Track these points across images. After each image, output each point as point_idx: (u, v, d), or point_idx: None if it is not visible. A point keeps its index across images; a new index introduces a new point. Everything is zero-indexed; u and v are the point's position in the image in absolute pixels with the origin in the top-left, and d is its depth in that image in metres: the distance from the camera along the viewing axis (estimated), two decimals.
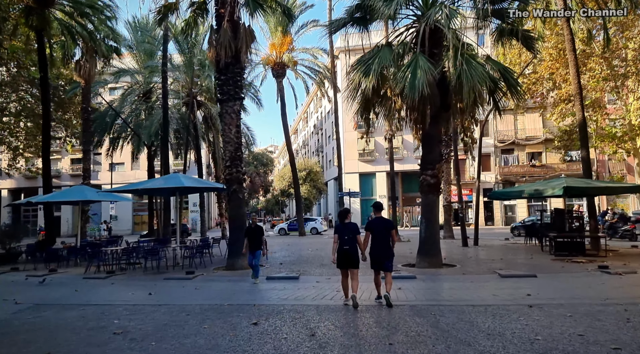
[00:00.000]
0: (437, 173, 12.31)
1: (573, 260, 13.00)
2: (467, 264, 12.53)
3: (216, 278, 11.35)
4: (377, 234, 6.96)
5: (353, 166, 44.54)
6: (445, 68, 12.27)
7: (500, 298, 7.44)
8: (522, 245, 18.93)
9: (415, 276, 10.41)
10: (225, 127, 13.36)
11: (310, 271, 11.90)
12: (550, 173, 39.64)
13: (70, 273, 13.22)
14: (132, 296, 8.63)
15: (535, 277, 10.00)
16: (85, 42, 23.76)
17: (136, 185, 14.33)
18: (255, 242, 10.21)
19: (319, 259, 14.59)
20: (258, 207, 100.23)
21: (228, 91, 13.29)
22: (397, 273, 10.98)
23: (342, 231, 6.92)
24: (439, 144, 12.53)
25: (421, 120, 11.90)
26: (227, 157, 13.36)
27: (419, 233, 12.55)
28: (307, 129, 70.61)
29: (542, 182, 16.77)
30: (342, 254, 6.89)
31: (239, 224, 13.25)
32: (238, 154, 13.33)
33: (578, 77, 16.36)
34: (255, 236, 10.24)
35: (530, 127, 41.41)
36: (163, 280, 11.15)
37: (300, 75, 32.46)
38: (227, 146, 13.37)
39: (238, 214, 13.30)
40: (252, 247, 10.22)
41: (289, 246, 20.58)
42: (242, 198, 13.32)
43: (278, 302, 7.54)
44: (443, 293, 8.16)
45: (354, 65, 12.31)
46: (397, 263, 12.99)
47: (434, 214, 12.45)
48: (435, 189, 12.36)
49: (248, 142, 29.55)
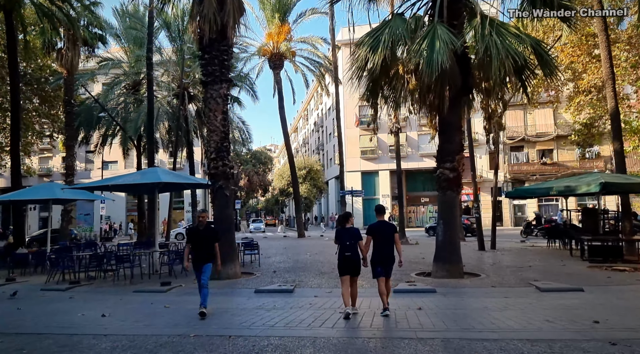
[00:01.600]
0: (457, 166, 10.47)
1: (614, 268, 11.16)
2: (492, 273, 10.68)
3: (195, 290, 9.48)
4: (380, 239, 6.55)
5: (355, 164, 42.68)
6: (466, 43, 10.44)
7: (560, 326, 5.59)
8: (544, 248, 17.08)
9: (434, 289, 8.56)
10: (210, 114, 11.54)
11: (307, 282, 10.07)
12: (562, 171, 37.77)
13: (31, 283, 11.40)
14: (79, 319, 6.79)
15: (582, 291, 8.17)
16: (67, 29, 22.02)
17: (108, 181, 12.52)
18: (202, 251, 6.98)
19: (317, 266, 12.75)
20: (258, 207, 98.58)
21: (213, 72, 11.45)
22: (412, 284, 9.16)
23: (343, 237, 6.52)
24: (458, 132, 10.69)
25: (439, 104, 10.04)
26: (211, 149, 11.53)
27: (436, 236, 10.70)
28: (308, 127, 68.82)
29: (573, 179, 14.92)
30: (344, 260, 6.48)
31: (226, 226, 11.43)
32: (224, 145, 11.51)
33: (610, 61, 14.53)
34: (203, 243, 7.02)
35: (540, 123, 39.51)
36: (132, 293, 9.33)
37: (299, 68, 30.67)
38: (211, 135, 11.54)
39: (225, 214, 11.47)
40: (197, 260, 7.01)
41: (285, 250, 18.73)
42: (230, 196, 11.49)
43: (262, 331, 5.70)
44: (479, 316, 6.31)
45: (361, 40, 10.46)
46: (410, 271, 11.17)
47: (453, 214, 10.60)
48: (455, 185, 10.51)
49: (244, 138, 27.73)
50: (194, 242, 7.09)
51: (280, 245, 21.49)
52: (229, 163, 11.54)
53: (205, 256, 6.96)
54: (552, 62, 10.33)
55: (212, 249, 7.01)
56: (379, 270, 6.50)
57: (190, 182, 12.05)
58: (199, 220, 7.23)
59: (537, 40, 10.38)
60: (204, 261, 6.95)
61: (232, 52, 12.15)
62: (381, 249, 6.52)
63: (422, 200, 44.11)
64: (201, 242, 7.03)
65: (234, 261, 11.19)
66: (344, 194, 25.65)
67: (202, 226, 7.15)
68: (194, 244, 7.08)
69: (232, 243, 11.46)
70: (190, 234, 7.37)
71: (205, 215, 7.28)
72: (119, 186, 12.09)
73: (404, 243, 20.16)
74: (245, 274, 11.48)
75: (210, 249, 6.99)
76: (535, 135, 39.40)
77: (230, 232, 11.45)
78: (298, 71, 30.85)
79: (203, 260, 6.96)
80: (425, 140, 43.89)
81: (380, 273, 6.50)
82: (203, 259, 6.96)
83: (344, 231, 6.55)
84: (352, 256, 6.39)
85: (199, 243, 7.03)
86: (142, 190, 13.05)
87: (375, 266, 6.53)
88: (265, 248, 19.29)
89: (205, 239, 7.03)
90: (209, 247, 6.99)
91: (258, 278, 11.00)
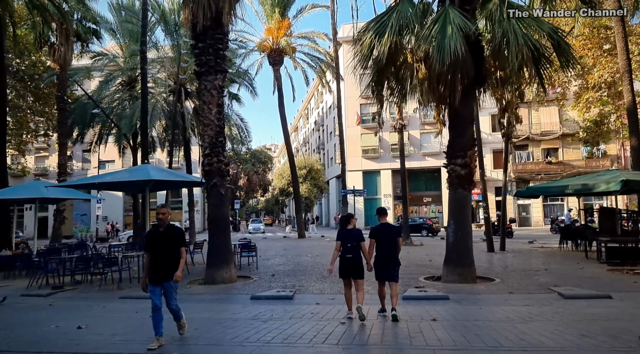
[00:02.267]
0: (469, 162, 9.72)
1: (635, 271, 10.41)
2: (507, 278, 9.92)
3: (185, 297, 8.76)
4: (382, 242, 6.41)
5: (356, 163, 41.94)
6: (478, 30, 9.69)
7: (601, 343, 4.83)
8: (554, 250, 16.32)
9: (447, 295, 7.82)
10: (205, 107, 10.79)
11: (308, 287, 9.32)
12: (567, 170, 36.99)
13: (13, 287, 10.70)
14: (52, 332, 6.05)
15: (610, 298, 7.42)
16: (59, 23, 21.29)
17: (95, 178, 11.77)
18: (163, 261, 5.20)
19: (319, 269, 11.99)
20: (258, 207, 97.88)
21: (207, 62, 10.71)
22: (421, 290, 8.42)
23: (346, 238, 6.31)
24: (470, 125, 9.95)
25: (450, 95, 9.29)
26: (206, 144, 10.79)
27: (446, 238, 9.96)
28: (308, 126, 68.08)
29: (590, 177, 14.17)
30: (345, 263, 6.26)
31: (222, 227, 10.70)
32: (219, 140, 10.75)
33: (627, 53, 13.81)
34: (164, 249, 5.23)
35: (545, 122, 38.73)
36: (117, 300, 8.60)
37: (299, 65, 29.86)
38: (206, 129, 10.79)
39: (220, 214, 10.72)
40: (156, 272, 5.19)
41: (285, 251, 17.98)
42: (225, 194, 10.75)
43: (256, 350, 4.95)
44: (503, 329, 5.54)
45: (366, 26, 9.73)
46: (418, 275, 10.43)
47: (464, 214, 9.86)
48: (467, 182, 9.76)
49: (242, 135, 26.94)
50: (153, 249, 5.26)
51: (279, 246, 20.76)
52: (224, 159, 10.79)
53: (168, 267, 5.16)
54: (569, 51, 9.57)
55: (176, 258, 5.25)
56: (383, 274, 6.40)
57: (183, 179, 11.29)
58: (159, 218, 5.37)
59: (554, 27, 9.62)
60: (166, 275, 5.14)
61: (228, 41, 11.39)
62: (385, 252, 6.37)
63: (425, 200, 43.36)
64: (162, 248, 5.22)
65: (229, 264, 10.45)
66: (345, 194, 24.89)
67: (162, 227, 5.34)
68: (153, 251, 5.25)
69: (228, 245, 10.72)
70: (148, 238, 5.42)
71: (165, 211, 5.39)
72: (106, 184, 11.35)
73: (407, 245, 19.41)
74: (241, 278, 10.75)
75: (173, 258, 5.24)
76: (540, 133, 38.60)
77: (226, 233, 10.71)
78: (298, 68, 30.08)
79: (164, 273, 5.14)
80: (428, 139, 43.20)
81: (384, 277, 6.40)
82: (164, 272, 5.14)
83: (346, 232, 6.35)
84: (353, 258, 6.17)
85: (159, 250, 5.22)
86: (132, 188, 12.30)
87: (379, 269, 6.39)
88: (264, 250, 18.57)
89: (166, 243, 5.24)
90: (172, 255, 5.24)
91: (255, 282, 10.27)
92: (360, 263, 6.20)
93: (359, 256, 6.21)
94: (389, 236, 6.42)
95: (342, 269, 6.27)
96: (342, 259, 6.25)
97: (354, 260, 6.16)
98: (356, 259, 6.17)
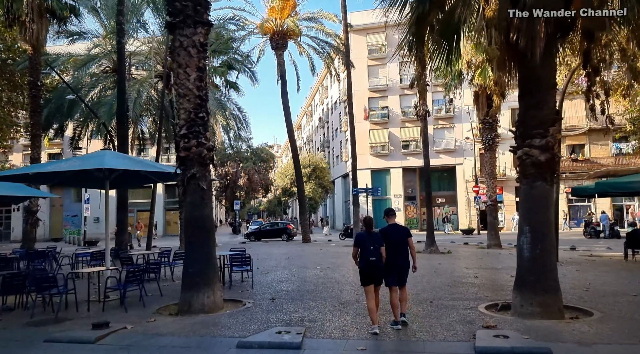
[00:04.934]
0: (551, 142, 6.85)
1: None
2: (605, 307, 7.00)
3: (144, 337, 5.91)
4: (393, 244, 6.03)
5: (364, 161, 38.92)
6: None
7: None
8: (616, 260, 13.41)
9: (548, 349, 4.90)
10: (180, 71, 7.93)
11: (323, 323, 6.41)
12: (595, 168, 34.05)
13: None
14: None
15: None
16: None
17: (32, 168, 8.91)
18: None
19: (334, 290, 9.08)
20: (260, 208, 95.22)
21: (182, 9, 7.86)
22: (494, 330, 5.55)
23: (367, 241, 5.87)
24: (552, 91, 7.08)
25: (526, 46, 6.41)
26: (181, 121, 7.93)
27: (519, 250, 7.04)
28: (312, 123, 65.29)
29: None
30: (368, 267, 5.82)
31: (203, 233, 7.85)
32: (200, 117, 7.90)
33: None
34: None
35: (571, 116, 35.69)
36: (42, 344, 5.75)
37: (304, 50, 27.02)
38: (182, 101, 7.93)
39: (200, 216, 7.84)
40: None
41: (288, 261, 15.04)
42: (207, 189, 7.87)
43: None
44: None
45: None
46: (473, 300, 7.55)
47: (546, 217, 6.95)
48: (549, 171, 6.92)
49: (239, 126, 24.01)
50: None
51: (281, 254, 17.84)
52: (207, 142, 7.92)
53: None
54: None
55: None
56: (392, 279, 6.06)
57: (151, 170, 8.44)
58: None
59: None
60: None
61: None
62: (394, 255, 6.04)
63: (438, 200, 40.32)
64: None
65: (212, 285, 7.57)
66: (357, 192, 21.93)
67: None
68: None
69: (211, 258, 7.86)
70: None
71: None
72: (47, 176, 8.50)
73: (434, 252, 16.52)
74: (230, 303, 7.89)
75: None
76: (565, 128, 35.45)
77: (208, 242, 7.86)
78: (304, 54, 27.22)
79: None
80: (441, 135, 40.24)
81: (393, 282, 6.08)
82: None
83: (366, 234, 6.00)
84: (377, 262, 5.84)
85: None
86: (90, 182, 9.46)
87: (390, 274, 6.03)
88: (263, 258, 15.71)
89: None
90: None
91: (248, 310, 7.39)
92: (383, 267, 5.89)
93: (381, 260, 5.87)
94: (399, 238, 6.13)
95: (365, 274, 5.85)
96: (364, 263, 5.83)
97: (378, 265, 5.83)
98: (380, 264, 5.84)
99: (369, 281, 5.84)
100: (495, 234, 19.30)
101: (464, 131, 37.66)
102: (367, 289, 5.86)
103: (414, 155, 38.72)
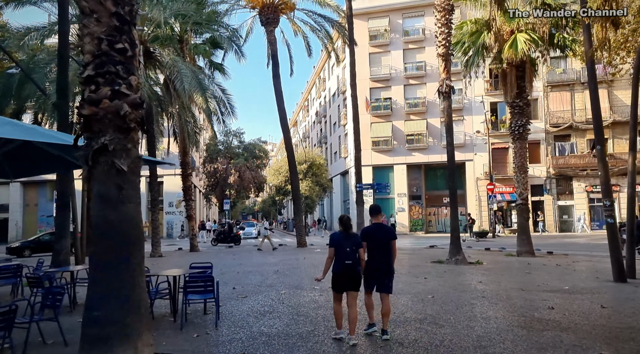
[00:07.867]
0: None
1: None
2: None
3: None
4: (375, 246, 5.57)
5: (365, 157, 35.65)
6: None
7: None
8: None
9: None
10: None
11: None
12: (619, 165, 30.98)
13: None
14: None
15: None
16: None
17: None
18: None
19: None
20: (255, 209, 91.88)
21: None
22: None
23: (343, 243, 5.38)
24: None
25: None
26: (86, 56, 4.67)
27: None
28: (308, 118, 62.15)
29: None
30: (343, 270, 5.30)
31: (121, 250, 4.57)
32: (119, 49, 4.65)
33: None
34: None
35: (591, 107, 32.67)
36: None
37: (299, 29, 23.80)
38: (87, 23, 4.68)
39: (116, 218, 4.56)
40: None
41: (277, 276, 11.59)
42: (129, 173, 4.61)
43: None
44: None
45: None
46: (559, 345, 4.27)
47: None
48: None
49: (222, 110, 20.69)
50: None
51: (270, 265, 14.52)
52: (130, 93, 4.68)
53: None
54: None
55: None
56: (374, 284, 5.57)
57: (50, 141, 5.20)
58: None
59: None
60: None
61: None
62: (376, 258, 5.51)
63: (445, 200, 37.09)
64: None
65: (134, 339, 4.31)
66: (361, 189, 18.67)
67: None
68: None
69: (133, 292, 4.56)
70: None
71: None
72: None
73: (460, 262, 13.32)
74: None
75: None
76: (585, 121, 32.52)
77: (127, 266, 4.57)
78: (299, 34, 23.99)
79: None
80: None
81: (373, 287, 5.58)
82: None
83: (343, 235, 5.44)
84: (353, 266, 5.31)
85: None
86: None
87: (370, 278, 5.55)
88: (246, 272, 12.43)
89: None
90: None
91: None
92: (360, 273, 5.39)
93: (358, 264, 5.36)
94: (384, 240, 5.57)
95: (338, 279, 5.33)
96: (338, 266, 5.32)
97: (355, 269, 5.33)
98: (356, 268, 5.36)
99: (341, 287, 5.37)
100: (527, 239, 16.19)
101: (474, 124, 34.59)
102: (335, 295, 5.41)
103: (419, 150, 35.67)
